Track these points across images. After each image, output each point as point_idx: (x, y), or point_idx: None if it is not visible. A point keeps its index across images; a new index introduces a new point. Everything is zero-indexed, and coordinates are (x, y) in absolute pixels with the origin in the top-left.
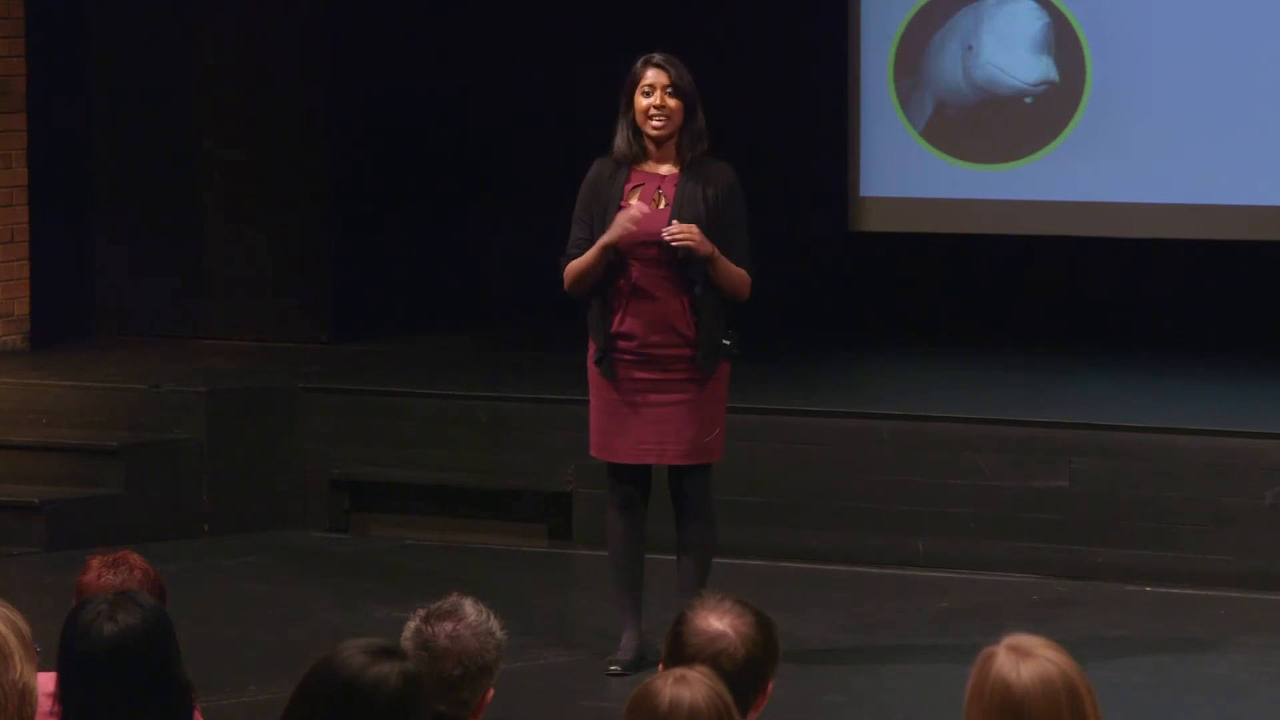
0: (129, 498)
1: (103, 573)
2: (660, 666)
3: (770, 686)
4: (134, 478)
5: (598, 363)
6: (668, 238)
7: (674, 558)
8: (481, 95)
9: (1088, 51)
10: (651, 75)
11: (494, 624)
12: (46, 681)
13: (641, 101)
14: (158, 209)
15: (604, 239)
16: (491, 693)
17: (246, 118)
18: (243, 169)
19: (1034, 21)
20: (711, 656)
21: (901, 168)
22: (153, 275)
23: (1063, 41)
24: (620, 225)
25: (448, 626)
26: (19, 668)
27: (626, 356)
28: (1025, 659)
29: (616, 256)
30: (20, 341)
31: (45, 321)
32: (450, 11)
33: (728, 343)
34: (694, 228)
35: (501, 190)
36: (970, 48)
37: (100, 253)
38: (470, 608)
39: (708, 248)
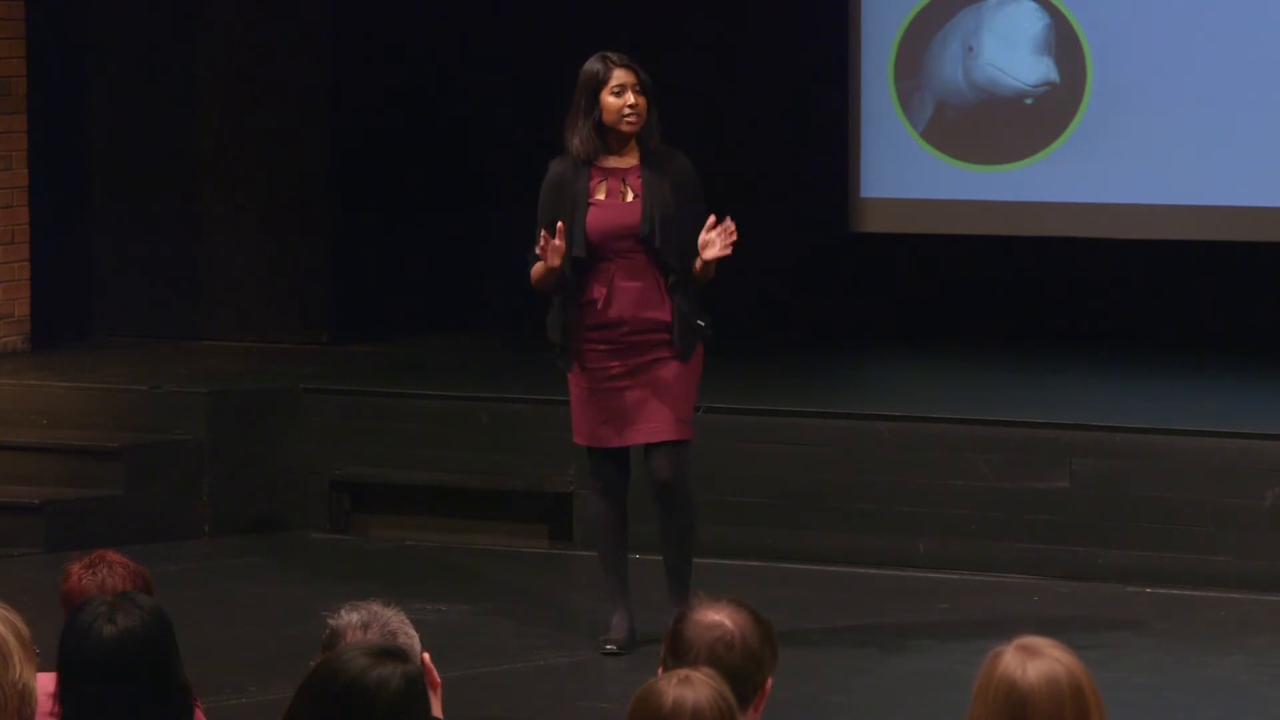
0: (129, 498)
1: (82, 576)
2: (660, 666)
3: (769, 684)
4: (134, 478)
5: (562, 356)
6: (710, 240)
7: (658, 558)
8: (482, 95)
9: (1088, 52)
10: (620, 75)
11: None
12: (47, 682)
13: (613, 101)
14: (158, 209)
15: (547, 264)
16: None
17: (246, 118)
18: (243, 169)
19: (1034, 22)
20: (709, 644)
21: (901, 168)
22: (153, 275)
23: (1063, 42)
24: (551, 257)
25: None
26: (18, 668)
27: (601, 346)
28: (1033, 658)
29: (589, 253)
30: (20, 342)
31: (45, 322)
32: (450, 11)
33: (702, 324)
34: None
35: (501, 190)
36: (971, 48)
37: (100, 253)
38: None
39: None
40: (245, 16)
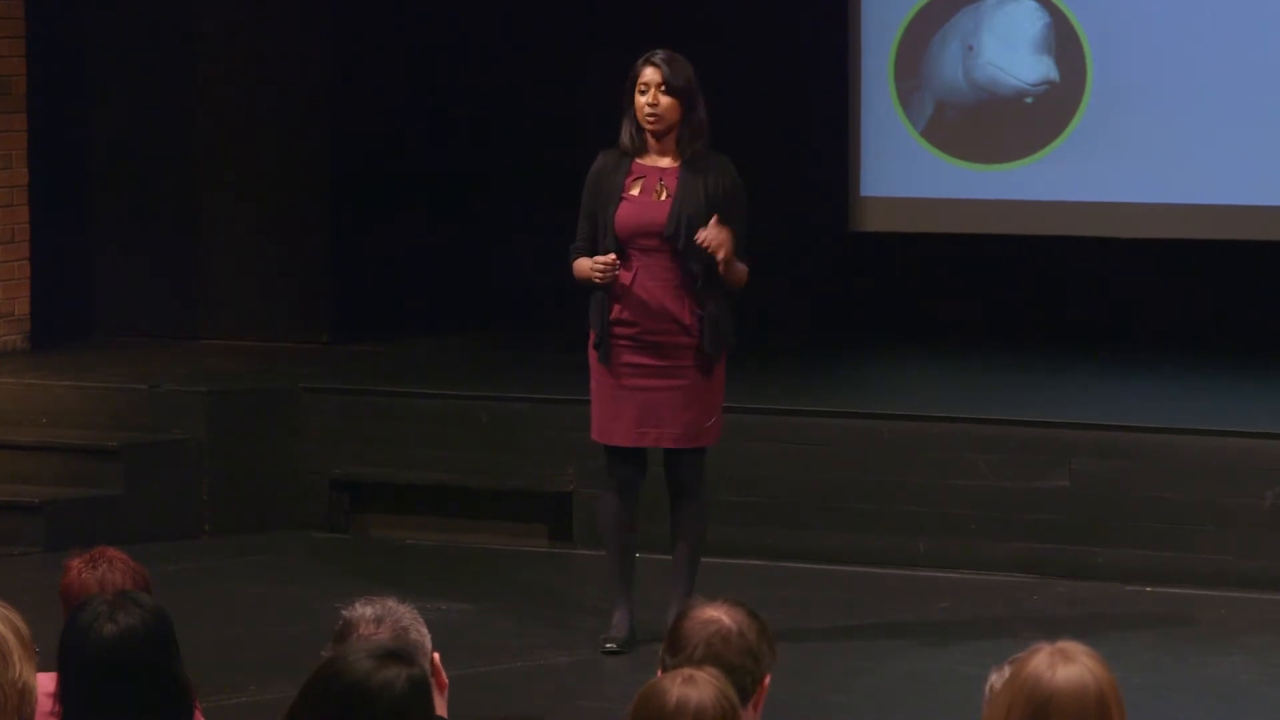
0: (129, 498)
1: (82, 570)
2: (659, 666)
3: (767, 681)
4: (134, 478)
5: (596, 347)
6: (701, 241)
7: (668, 558)
8: (482, 94)
9: (1088, 51)
10: (648, 74)
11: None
12: (47, 681)
13: (638, 99)
14: (158, 209)
15: (589, 275)
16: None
17: (246, 118)
18: (243, 169)
19: (1034, 21)
20: (706, 639)
21: (901, 168)
22: (153, 275)
23: (1063, 41)
24: (596, 274)
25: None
26: (18, 667)
27: (623, 342)
28: (1066, 663)
29: (617, 246)
30: (20, 341)
31: (45, 321)
32: (451, 8)
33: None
34: (727, 236)
35: (502, 190)
36: (970, 48)
37: (100, 253)
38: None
39: (729, 251)
40: (245, 16)
